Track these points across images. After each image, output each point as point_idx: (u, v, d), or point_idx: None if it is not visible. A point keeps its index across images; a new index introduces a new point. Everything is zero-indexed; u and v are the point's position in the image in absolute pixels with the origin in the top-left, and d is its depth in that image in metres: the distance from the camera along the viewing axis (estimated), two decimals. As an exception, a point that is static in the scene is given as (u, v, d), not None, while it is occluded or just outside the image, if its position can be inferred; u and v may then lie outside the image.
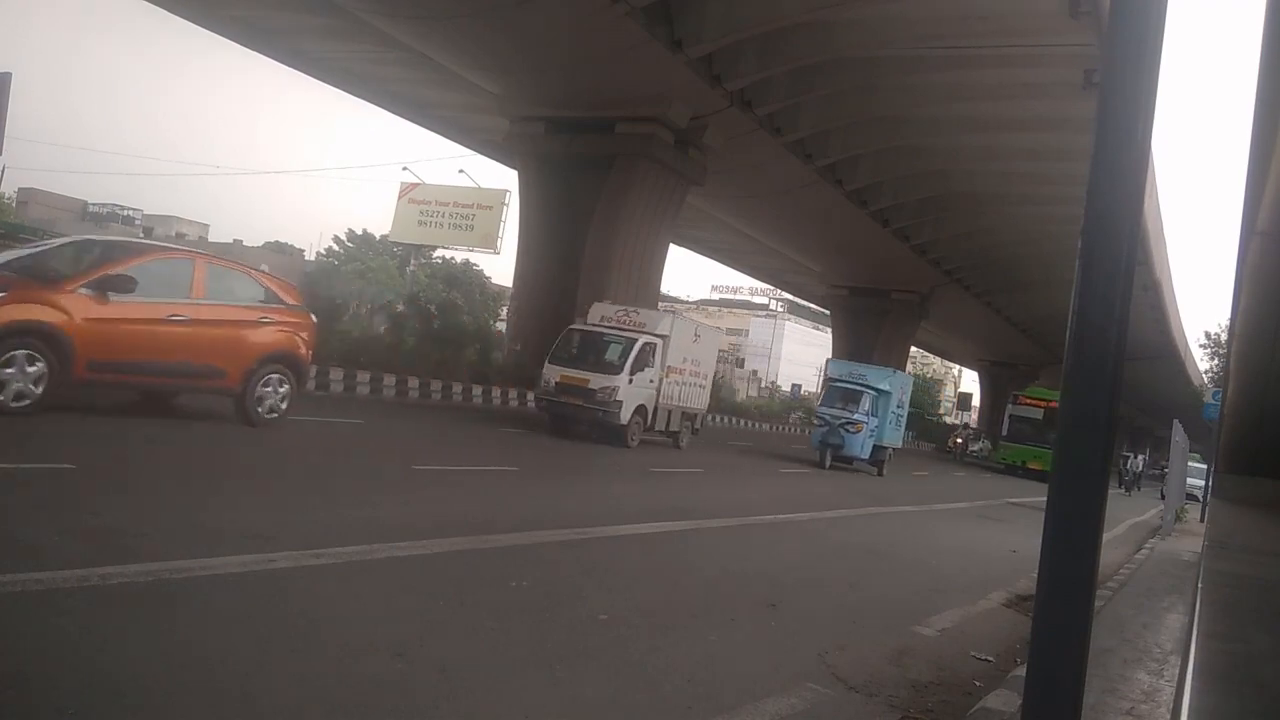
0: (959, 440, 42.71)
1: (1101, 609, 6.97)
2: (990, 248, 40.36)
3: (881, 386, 21.93)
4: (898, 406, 22.96)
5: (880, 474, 21.54)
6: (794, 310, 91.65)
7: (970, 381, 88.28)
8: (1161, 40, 1.78)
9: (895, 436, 23.27)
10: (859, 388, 21.51)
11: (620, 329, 17.48)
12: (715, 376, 31.26)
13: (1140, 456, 46.09)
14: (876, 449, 21.43)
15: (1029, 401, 35.01)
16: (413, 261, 46.56)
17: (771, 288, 78.04)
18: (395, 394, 19.15)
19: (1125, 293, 1.75)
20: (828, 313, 53.67)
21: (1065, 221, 31.60)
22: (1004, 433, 36.15)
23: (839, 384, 22.22)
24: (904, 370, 55.77)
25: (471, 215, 38.19)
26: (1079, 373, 1.76)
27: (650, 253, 27.49)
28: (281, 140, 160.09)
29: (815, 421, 22.29)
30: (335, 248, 66.81)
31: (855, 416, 20.63)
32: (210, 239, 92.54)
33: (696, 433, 19.02)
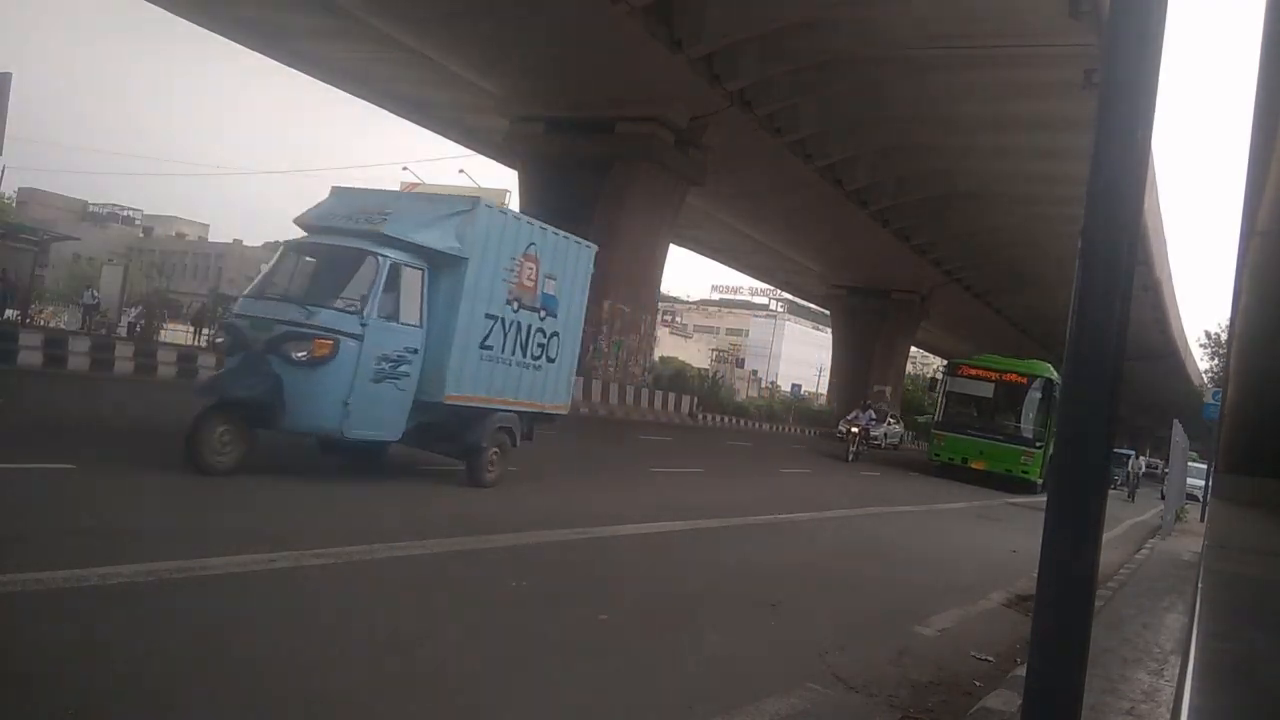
0: (854, 429, 24.57)
1: (1101, 609, 6.97)
2: (990, 248, 40.38)
3: (431, 243, 8.37)
4: (531, 306, 9.34)
5: (481, 481, 8.88)
6: (794, 310, 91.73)
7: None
8: (1161, 40, 1.78)
9: (538, 383, 9.51)
10: (357, 247, 8.16)
11: None
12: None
13: (1141, 457, 39.94)
14: (451, 419, 8.69)
15: (974, 372, 23.97)
16: (413, 261, 46.50)
17: (771, 288, 78.14)
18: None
19: (1125, 293, 1.76)
20: (828, 313, 53.70)
21: (1065, 221, 31.62)
22: (938, 417, 24.94)
23: (316, 241, 8.69)
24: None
25: (471, 215, 38.19)
26: (1079, 373, 1.76)
27: (650, 252, 27.51)
28: (281, 140, 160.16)
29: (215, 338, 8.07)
30: (335, 248, 66.64)
31: (322, 321, 7.64)
32: (210, 239, 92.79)
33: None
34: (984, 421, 23.20)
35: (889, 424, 37.36)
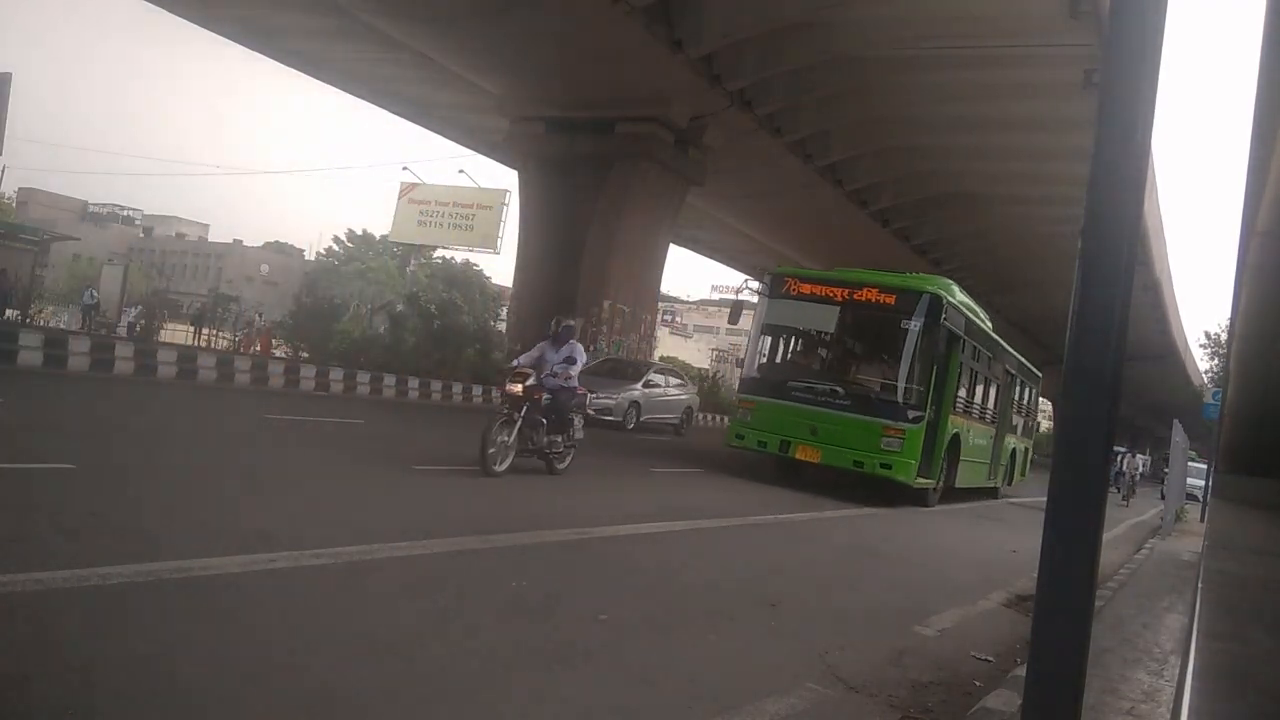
0: (518, 387, 9.63)
1: (1101, 609, 6.97)
2: (990, 248, 40.37)
3: None
4: None
5: None
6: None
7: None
8: (1161, 40, 1.78)
9: None
10: None
11: None
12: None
13: (1140, 456, 36.67)
14: None
15: (810, 290, 13.91)
16: (413, 261, 46.66)
17: (771, 288, 77.95)
18: (395, 394, 19.16)
19: (1125, 293, 1.76)
20: (828, 313, 53.61)
21: (1065, 221, 31.61)
22: (746, 370, 14.81)
23: None
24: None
25: (471, 215, 38.29)
26: (1079, 373, 1.76)
27: (650, 252, 27.51)
28: (281, 140, 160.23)
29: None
30: (335, 248, 67.00)
31: None
32: (210, 239, 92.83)
33: None
34: (822, 376, 13.46)
35: (655, 384, 21.10)
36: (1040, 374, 22.20)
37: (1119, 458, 29.48)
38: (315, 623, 4.19)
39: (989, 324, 16.89)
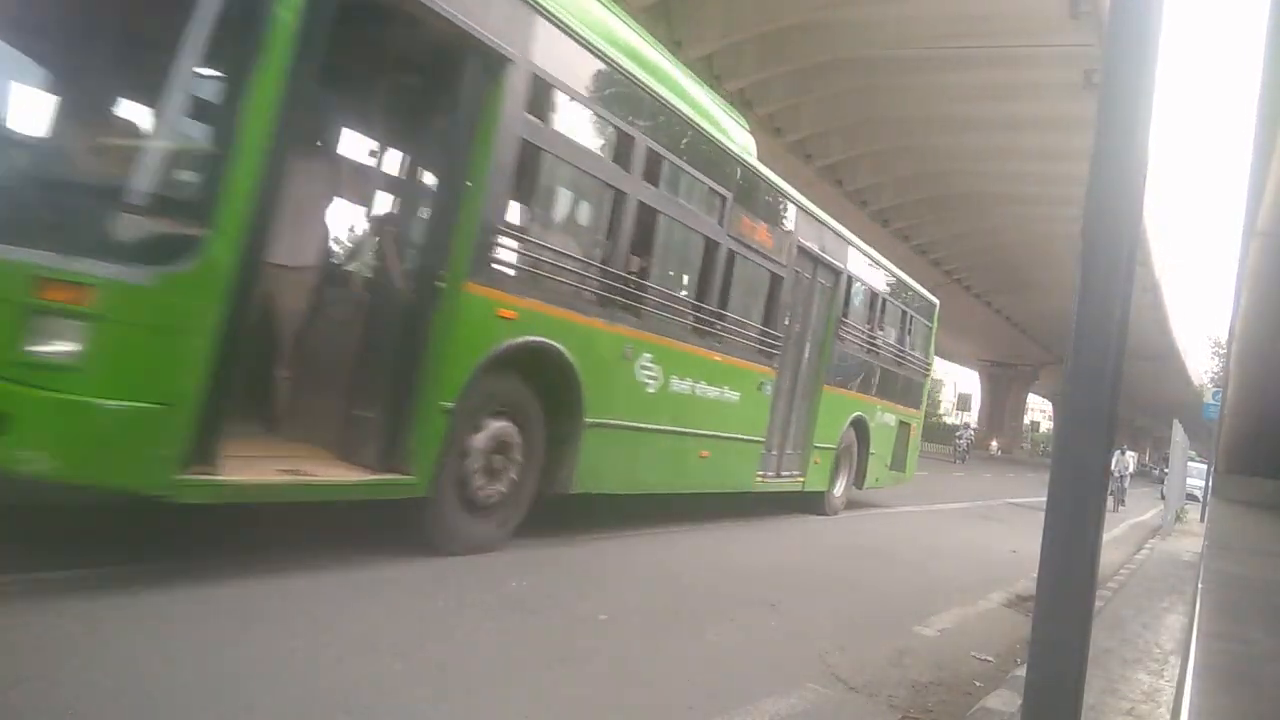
0: None
1: (1101, 609, 6.97)
2: (990, 248, 40.39)
3: None
4: None
5: None
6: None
7: (970, 381, 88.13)
8: (1161, 40, 1.78)
9: None
10: None
11: None
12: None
13: (1132, 454, 33.54)
14: None
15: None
16: (413, 261, 46.64)
17: (771, 288, 77.92)
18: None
19: (1125, 293, 1.76)
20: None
21: (1065, 221, 31.62)
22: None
23: None
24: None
25: (471, 215, 38.31)
26: (1079, 373, 1.76)
27: (650, 253, 27.46)
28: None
29: None
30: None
31: None
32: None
33: None
34: None
35: None
36: (936, 301, 15.09)
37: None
38: (314, 624, 4.19)
39: (752, 154, 9.15)
